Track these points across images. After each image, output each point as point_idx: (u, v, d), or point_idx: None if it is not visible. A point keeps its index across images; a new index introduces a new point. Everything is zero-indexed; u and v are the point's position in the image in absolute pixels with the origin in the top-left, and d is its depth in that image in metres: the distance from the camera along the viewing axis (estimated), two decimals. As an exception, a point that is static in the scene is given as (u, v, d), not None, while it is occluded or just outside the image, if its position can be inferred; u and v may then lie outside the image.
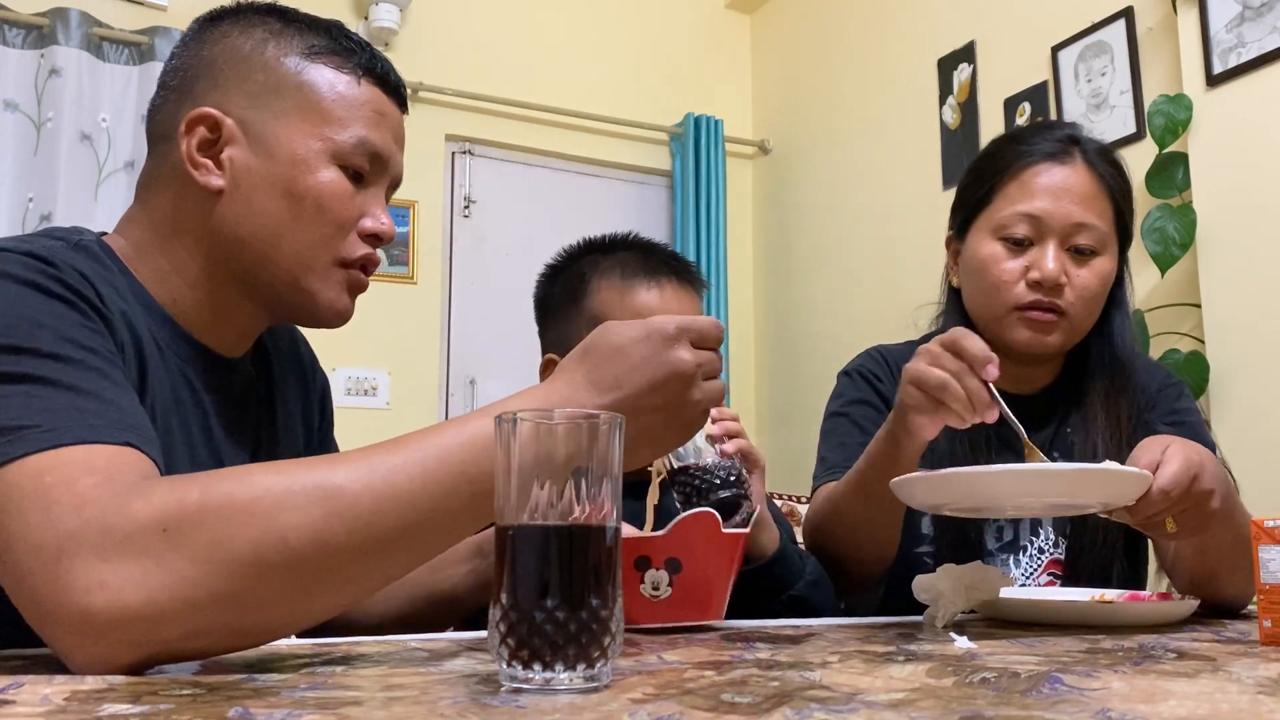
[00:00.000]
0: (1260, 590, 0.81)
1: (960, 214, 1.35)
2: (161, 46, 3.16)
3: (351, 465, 0.66)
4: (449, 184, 3.76)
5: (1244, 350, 2.28)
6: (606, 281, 1.20)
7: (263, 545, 0.62)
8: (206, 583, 0.61)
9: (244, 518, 0.62)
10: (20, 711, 0.49)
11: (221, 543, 0.61)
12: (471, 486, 0.67)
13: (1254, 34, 2.34)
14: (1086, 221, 1.25)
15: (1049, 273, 1.22)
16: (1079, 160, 1.27)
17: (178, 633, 0.61)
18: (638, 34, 4.09)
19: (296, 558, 0.62)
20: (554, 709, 0.50)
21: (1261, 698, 0.55)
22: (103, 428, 0.67)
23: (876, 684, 0.59)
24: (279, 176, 0.88)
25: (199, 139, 0.88)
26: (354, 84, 0.91)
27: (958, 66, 3.31)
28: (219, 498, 0.63)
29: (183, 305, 0.91)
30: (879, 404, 1.34)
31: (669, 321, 0.75)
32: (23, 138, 3.02)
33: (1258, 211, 2.30)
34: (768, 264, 4.15)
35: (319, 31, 0.92)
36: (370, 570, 0.67)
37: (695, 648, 0.77)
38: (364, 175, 0.92)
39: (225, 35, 0.91)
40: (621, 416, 0.62)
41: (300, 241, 0.89)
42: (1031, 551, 1.29)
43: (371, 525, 0.64)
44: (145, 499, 0.62)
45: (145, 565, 0.60)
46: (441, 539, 0.70)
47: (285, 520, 0.62)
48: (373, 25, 3.53)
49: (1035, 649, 0.77)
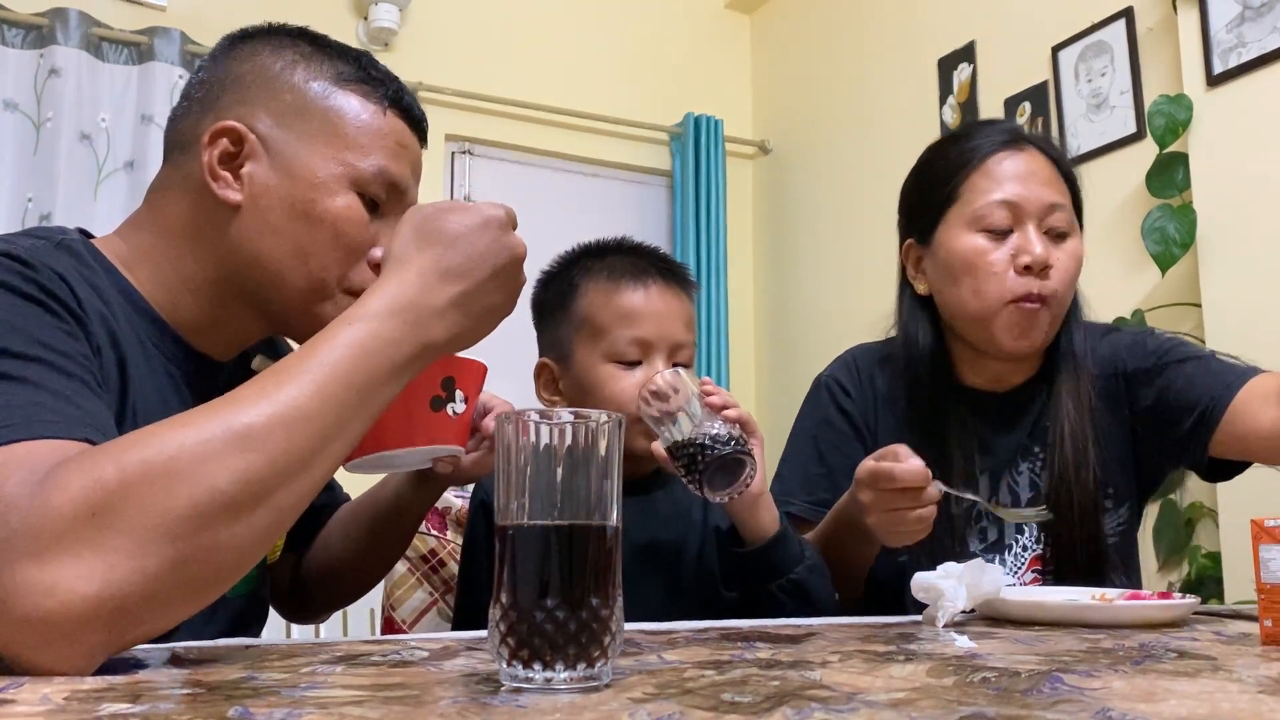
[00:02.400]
0: (1260, 590, 0.81)
1: (921, 219, 1.33)
2: (161, 47, 3.15)
3: (253, 402, 0.68)
4: (449, 184, 3.76)
5: (1244, 350, 2.26)
6: (594, 284, 1.22)
7: (196, 499, 0.63)
8: (155, 550, 0.61)
9: (169, 479, 0.62)
10: (20, 711, 0.49)
11: (156, 510, 0.62)
12: (359, 394, 0.72)
13: (1254, 34, 2.34)
14: (1057, 201, 1.26)
15: (1038, 255, 1.23)
16: (1031, 147, 1.29)
17: (143, 610, 0.62)
18: (638, 34, 4.09)
19: (232, 502, 0.64)
20: (554, 709, 0.50)
21: (1262, 697, 0.55)
22: (58, 424, 0.67)
23: (876, 684, 0.59)
24: (297, 197, 0.89)
25: (221, 151, 0.88)
26: (379, 114, 0.93)
27: (958, 66, 3.31)
28: (136, 466, 0.62)
29: (181, 310, 0.91)
30: (842, 424, 1.35)
31: (498, 208, 0.81)
32: (22, 138, 3.02)
33: (1258, 211, 2.30)
34: (768, 264, 4.15)
35: (349, 59, 0.94)
36: (298, 490, 0.69)
37: (695, 647, 0.77)
38: (380, 205, 0.93)
39: (255, 53, 0.92)
40: (622, 416, 0.62)
41: (314, 264, 0.90)
42: (1016, 550, 1.30)
43: (290, 451, 0.67)
44: (62, 490, 0.61)
45: (86, 557, 0.60)
46: (346, 443, 0.73)
47: (210, 470, 0.64)
48: (373, 25, 3.52)
49: (1035, 649, 0.77)
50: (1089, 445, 1.28)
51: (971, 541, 1.29)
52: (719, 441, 1.02)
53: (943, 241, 1.29)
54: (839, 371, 1.40)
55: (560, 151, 3.92)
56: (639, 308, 1.19)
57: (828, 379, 1.40)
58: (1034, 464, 1.31)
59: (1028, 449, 1.33)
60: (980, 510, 1.29)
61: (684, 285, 1.24)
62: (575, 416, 0.60)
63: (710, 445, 1.02)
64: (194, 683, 0.58)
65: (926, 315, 1.35)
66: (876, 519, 1.09)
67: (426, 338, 0.76)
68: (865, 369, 1.38)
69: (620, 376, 1.18)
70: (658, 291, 1.20)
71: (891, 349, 1.39)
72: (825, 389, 1.39)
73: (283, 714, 0.48)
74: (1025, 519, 1.24)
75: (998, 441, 1.33)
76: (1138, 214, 2.47)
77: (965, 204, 1.27)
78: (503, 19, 3.84)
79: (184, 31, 3.20)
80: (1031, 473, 1.31)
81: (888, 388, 1.36)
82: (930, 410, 1.31)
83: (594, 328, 1.20)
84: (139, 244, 0.91)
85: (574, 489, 0.59)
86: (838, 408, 1.36)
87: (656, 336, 1.19)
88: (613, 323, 1.19)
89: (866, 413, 1.35)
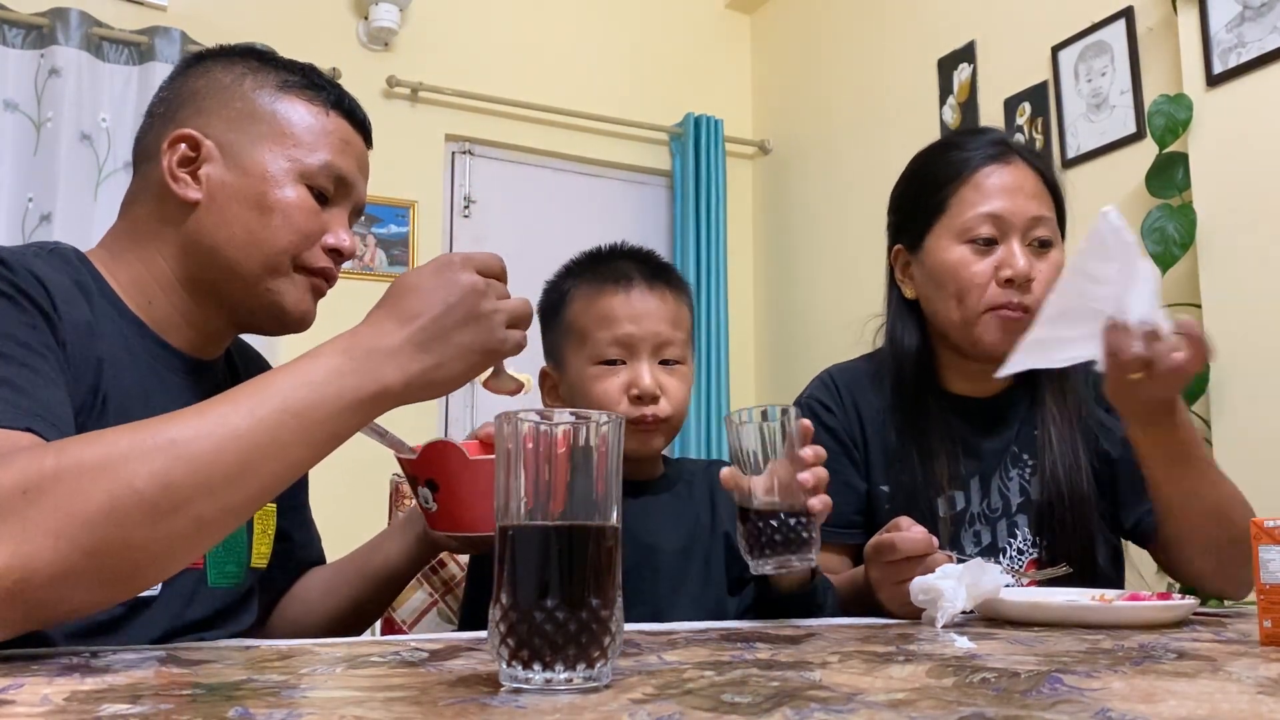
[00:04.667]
0: (1260, 590, 0.81)
1: (910, 227, 1.36)
2: (161, 46, 3.15)
3: (191, 416, 0.73)
4: (449, 184, 3.76)
5: (1244, 350, 2.28)
6: (579, 290, 1.24)
7: (115, 494, 0.67)
8: (69, 534, 0.66)
9: (95, 473, 0.67)
10: (20, 711, 0.49)
11: (77, 497, 0.66)
12: (298, 420, 0.75)
13: (1254, 34, 2.34)
14: (1042, 214, 1.29)
15: (1020, 269, 1.26)
16: (1018, 159, 1.31)
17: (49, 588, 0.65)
18: (638, 34, 4.09)
19: (147, 503, 0.68)
20: (554, 709, 0.51)
21: (1261, 698, 0.55)
22: (6, 413, 0.73)
23: (876, 684, 0.59)
24: (251, 190, 0.97)
25: (179, 155, 0.97)
26: (322, 114, 1.02)
27: (958, 66, 3.31)
28: (71, 458, 0.68)
29: (156, 309, 0.99)
30: (833, 446, 1.35)
31: (453, 255, 0.85)
32: (22, 138, 3.02)
33: (1258, 211, 2.30)
34: (768, 264, 4.15)
35: (293, 70, 1.04)
36: (217, 505, 0.72)
37: (695, 648, 0.77)
38: (328, 197, 1.02)
39: (208, 70, 1.02)
40: (623, 418, 0.62)
41: (267, 248, 0.97)
42: (1011, 553, 1.31)
43: (213, 465, 0.71)
44: (6, 467, 0.67)
45: (10, 526, 0.65)
46: (282, 470, 0.75)
47: (132, 469, 0.68)
48: (373, 25, 3.53)
49: (1035, 649, 0.77)
50: (1079, 449, 1.31)
51: (966, 544, 1.30)
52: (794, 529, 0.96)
53: (930, 251, 1.32)
54: (817, 391, 1.42)
55: (560, 151, 3.92)
56: (618, 310, 1.20)
57: (807, 399, 1.41)
58: (1023, 470, 1.33)
59: (1016, 456, 1.34)
60: (973, 513, 1.31)
61: (672, 286, 1.24)
62: (575, 417, 0.60)
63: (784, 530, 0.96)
64: (194, 683, 0.58)
65: (913, 319, 1.37)
66: (887, 594, 1.08)
67: (381, 378, 0.79)
68: (843, 385, 1.40)
69: (604, 376, 1.18)
70: (639, 293, 1.21)
71: (869, 364, 1.42)
72: (807, 409, 1.39)
73: (283, 714, 0.48)
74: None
75: (984, 446, 1.34)
76: (1137, 214, 2.47)
77: (953, 216, 1.30)
78: (503, 19, 3.84)
79: (184, 31, 3.20)
80: (1021, 479, 1.33)
81: (868, 400, 1.38)
82: (915, 413, 1.33)
83: (579, 333, 1.22)
84: (117, 251, 0.99)
85: (574, 489, 0.59)
86: (823, 427, 1.35)
87: (638, 336, 1.19)
88: (594, 326, 1.20)
89: (850, 427, 1.37)
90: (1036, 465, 1.32)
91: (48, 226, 2.90)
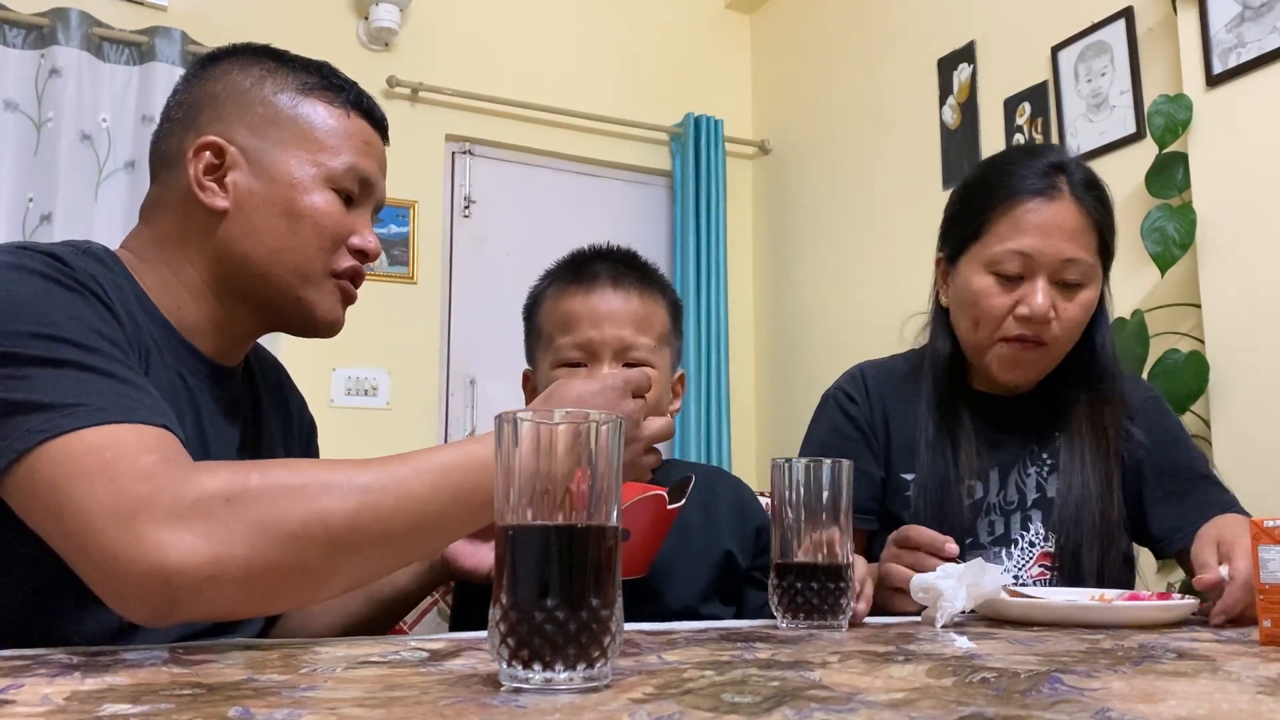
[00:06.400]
0: (1260, 590, 0.82)
1: (951, 241, 1.38)
2: (162, 47, 3.15)
3: (376, 469, 0.78)
4: (449, 184, 3.76)
5: (1244, 350, 2.28)
6: (548, 294, 1.25)
7: (309, 521, 0.73)
8: (261, 547, 0.71)
9: (294, 498, 0.73)
10: (20, 711, 0.49)
11: (274, 515, 0.72)
12: (469, 499, 0.80)
13: (1254, 34, 2.34)
14: (1075, 257, 1.28)
15: (1038, 309, 1.27)
16: (1066, 194, 1.29)
17: (228, 591, 0.70)
18: (638, 34, 4.09)
19: (332, 536, 0.74)
20: (554, 709, 0.51)
21: (1261, 698, 0.55)
22: (141, 410, 0.76)
23: (876, 684, 0.59)
24: (278, 198, 0.97)
25: (205, 164, 0.96)
26: (344, 116, 1.01)
27: (958, 66, 3.31)
28: (274, 479, 0.74)
29: (185, 313, 0.98)
30: (850, 430, 1.41)
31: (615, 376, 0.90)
32: (23, 138, 3.01)
33: (1258, 211, 2.30)
34: (768, 264, 4.15)
35: (311, 70, 1.03)
36: (385, 555, 0.78)
37: (695, 648, 0.77)
38: (353, 198, 1.02)
39: (226, 72, 1.00)
40: (623, 418, 0.62)
41: (298, 256, 0.98)
42: (1023, 545, 1.34)
43: (391, 519, 0.76)
44: (211, 474, 0.73)
45: (211, 528, 0.70)
46: (441, 537, 0.83)
47: (325, 504, 0.74)
48: (373, 25, 3.52)
49: (1035, 649, 0.77)
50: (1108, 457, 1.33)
51: (980, 533, 1.33)
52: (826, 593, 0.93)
53: (961, 272, 1.34)
54: (845, 384, 1.46)
55: (560, 151, 3.92)
56: (578, 313, 1.19)
57: (834, 392, 1.46)
58: (1041, 468, 1.37)
59: (1035, 454, 1.38)
60: (990, 503, 1.34)
61: (642, 287, 1.23)
62: (575, 416, 0.60)
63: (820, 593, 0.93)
64: (194, 683, 0.58)
65: (946, 325, 1.40)
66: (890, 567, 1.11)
67: None
68: (871, 379, 1.44)
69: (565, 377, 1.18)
70: (603, 295, 1.20)
71: (904, 363, 1.46)
72: (832, 400, 1.45)
73: (283, 714, 0.48)
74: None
75: (1005, 441, 1.38)
76: (1137, 214, 2.47)
77: (985, 245, 1.31)
78: (503, 19, 3.84)
79: (185, 31, 3.20)
80: (1039, 476, 1.36)
81: (896, 394, 1.42)
82: (942, 409, 1.37)
83: (545, 337, 1.22)
84: (143, 254, 0.98)
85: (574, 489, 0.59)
86: (845, 415, 1.41)
87: (598, 340, 1.18)
88: (556, 330, 1.20)
89: (874, 420, 1.41)
90: (1055, 465, 1.35)
91: (48, 226, 2.90)
